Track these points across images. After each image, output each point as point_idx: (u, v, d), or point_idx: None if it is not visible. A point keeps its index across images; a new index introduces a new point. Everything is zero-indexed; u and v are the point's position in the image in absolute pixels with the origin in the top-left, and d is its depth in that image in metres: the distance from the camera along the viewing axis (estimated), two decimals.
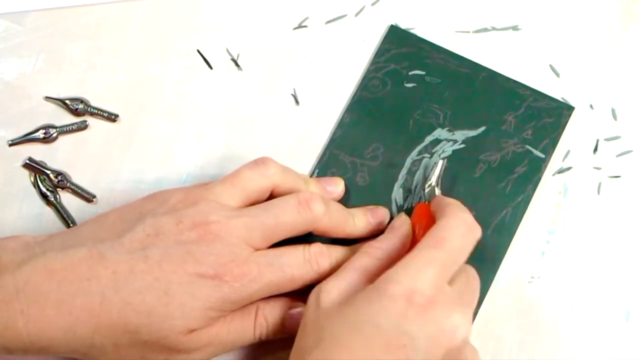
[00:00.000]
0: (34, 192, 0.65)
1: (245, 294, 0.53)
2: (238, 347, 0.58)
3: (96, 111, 0.67)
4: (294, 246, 0.56)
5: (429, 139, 0.65)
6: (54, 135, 0.66)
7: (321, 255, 0.56)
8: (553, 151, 0.65)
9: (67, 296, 0.51)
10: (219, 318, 0.54)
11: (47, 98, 0.67)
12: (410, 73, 0.67)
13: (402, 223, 0.59)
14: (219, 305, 0.53)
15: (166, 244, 0.53)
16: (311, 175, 0.65)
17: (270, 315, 0.57)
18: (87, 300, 0.51)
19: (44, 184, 0.65)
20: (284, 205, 0.56)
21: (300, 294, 0.57)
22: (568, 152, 0.65)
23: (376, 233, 0.60)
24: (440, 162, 0.61)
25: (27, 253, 0.52)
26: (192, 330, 0.53)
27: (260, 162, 0.58)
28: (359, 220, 0.60)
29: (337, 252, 0.58)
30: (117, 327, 0.51)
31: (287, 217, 0.56)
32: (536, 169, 0.64)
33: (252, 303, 0.56)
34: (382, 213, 0.61)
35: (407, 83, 0.67)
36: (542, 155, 0.64)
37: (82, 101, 0.67)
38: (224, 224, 0.54)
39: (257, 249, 0.55)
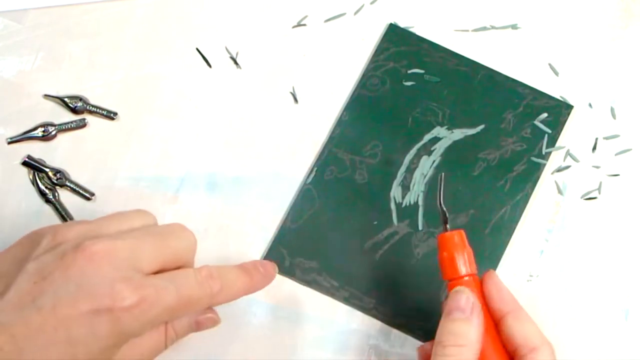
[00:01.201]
0: (32, 189, 0.65)
1: (146, 320, 0.50)
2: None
3: (95, 109, 0.67)
4: (182, 269, 0.54)
5: (427, 137, 0.65)
6: (53, 133, 0.66)
7: (211, 278, 0.53)
8: (552, 150, 0.65)
9: None
10: (130, 345, 0.52)
11: (46, 96, 0.67)
12: (409, 71, 0.67)
13: (473, 304, 0.53)
14: (125, 337, 0.50)
15: (55, 286, 0.49)
16: (310, 174, 0.65)
17: (178, 326, 0.56)
18: None
19: (43, 181, 0.65)
20: (175, 228, 0.55)
21: None
22: (567, 150, 0.65)
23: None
24: (440, 177, 0.57)
25: None
26: None
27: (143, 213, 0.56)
28: (255, 279, 0.57)
29: (226, 272, 0.55)
30: None
31: (177, 241, 0.54)
32: (535, 167, 0.64)
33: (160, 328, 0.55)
34: (269, 265, 0.58)
35: (406, 81, 0.67)
36: (541, 154, 0.64)
37: (81, 99, 0.67)
38: (108, 244, 0.50)
39: (146, 274, 0.52)
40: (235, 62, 0.68)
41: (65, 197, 0.65)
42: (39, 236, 0.53)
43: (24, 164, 0.66)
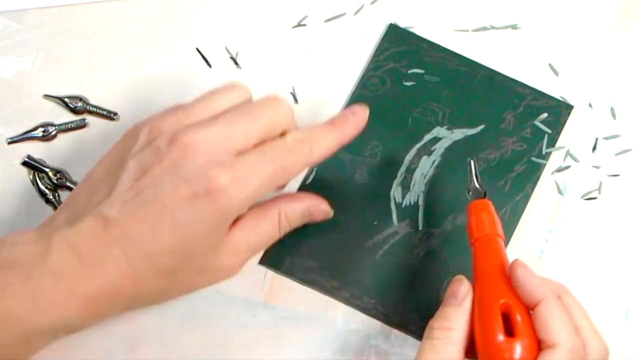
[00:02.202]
0: (32, 190, 0.65)
1: (244, 196, 0.53)
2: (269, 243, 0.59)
3: (95, 109, 0.67)
4: (270, 141, 0.56)
5: (427, 137, 0.65)
6: (53, 133, 0.66)
7: (300, 142, 0.56)
8: (552, 150, 0.65)
9: (98, 266, 0.52)
10: (240, 227, 0.56)
11: (46, 96, 0.67)
12: (409, 71, 0.67)
13: (468, 291, 0.54)
14: (227, 216, 0.54)
15: (154, 179, 0.53)
16: (310, 174, 0.65)
17: (292, 215, 0.59)
18: (116, 262, 0.52)
19: (43, 182, 0.65)
20: (266, 101, 0.57)
21: None
22: (567, 150, 0.65)
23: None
24: (471, 161, 0.59)
25: (43, 239, 0.53)
26: (219, 246, 0.54)
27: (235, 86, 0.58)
28: (345, 129, 0.59)
29: (314, 132, 0.57)
30: (152, 276, 0.53)
31: (269, 114, 0.56)
32: (535, 167, 0.64)
33: (273, 207, 0.58)
34: (358, 108, 0.60)
35: (406, 81, 0.67)
36: (541, 154, 0.64)
37: (81, 99, 0.67)
38: (200, 133, 0.53)
39: (241, 152, 0.54)
40: (235, 62, 0.68)
41: (66, 197, 0.65)
42: (137, 131, 0.56)
43: (24, 164, 0.66)
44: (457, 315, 0.53)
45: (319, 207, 0.61)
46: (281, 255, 0.63)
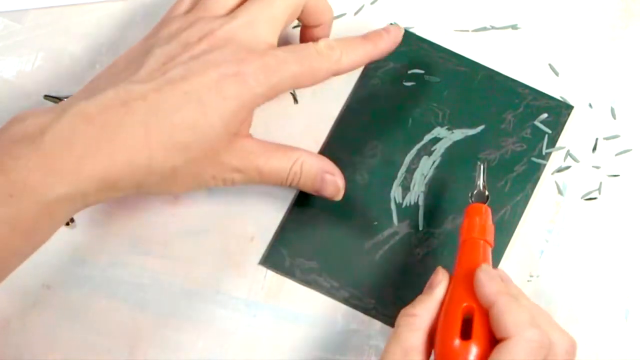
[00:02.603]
0: None
1: (269, 86, 0.55)
2: (271, 184, 0.60)
3: None
4: (301, 44, 0.60)
5: (427, 137, 0.65)
6: None
7: (331, 48, 0.58)
8: (552, 150, 0.65)
9: (114, 134, 0.52)
10: (259, 143, 0.58)
11: (46, 97, 0.67)
12: (409, 72, 0.67)
13: (441, 280, 0.55)
14: (247, 102, 0.55)
15: (182, 63, 0.55)
16: None
17: (306, 166, 0.60)
18: (133, 131, 0.53)
19: None
20: None
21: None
22: (567, 151, 0.65)
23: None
24: (481, 164, 0.60)
25: (54, 112, 0.53)
26: (234, 135, 0.56)
27: None
28: (378, 44, 0.61)
29: (347, 40, 0.59)
30: (168, 149, 0.54)
31: (294, 2, 0.59)
32: (535, 167, 0.64)
33: (295, 150, 0.60)
34: (393, 28, 0.62)
35: (406, 82, 0.67)
36: (541, 154, 0.65)
37: None
38: (229, 26, 0.56)
39: (270, 44, 0.57)
40: None
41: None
42: (166, 23, 0.58)
43: None
44: (424, 303, 0.54)
45: (333, 177, 0.61)
46: (281, 256, 0.63)
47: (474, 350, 0.51)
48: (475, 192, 0.59)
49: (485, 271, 0.53)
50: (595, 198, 0.64)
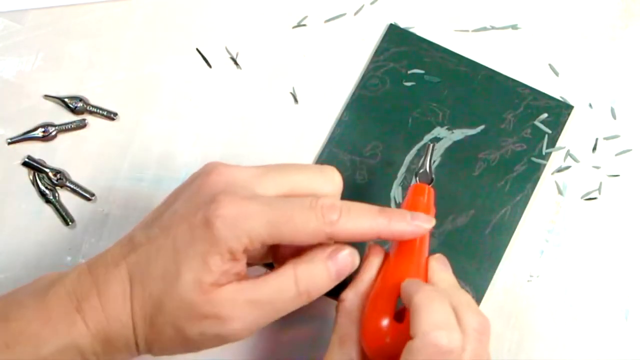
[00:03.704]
0: (33, 190, 0.65)
1: (241, 231, 0.49)
2: (283, 313, 0.52)
3: (95, 110, 0.67)
4: (304, 197, 0.51)
5: (428, 137, 0.65)
6: (53, 133, 0.66)
7: (331, 207, 0.50)
8: (552, 150, 0.65)
9: (102, 289, 0.51)
10: (247, 280, 0.51)
11: (47, 96, 0.67)
12: (410, 72, 0.67)
13: (371, 261, 0.54)
14: (216, 247, 0.49)
15: (165, 219, 0.52)
16: None
17: (312, 268, 0.51)
18: (116, 287, 0.51)
19: (43, 182, 0.65)
20: (315, 166, 0.54)
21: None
22: (567, 151, 0.65)
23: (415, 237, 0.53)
24: (430, 145, 0.59)
25: (72, 268, 0.53)
26: (211, 285, 0.50)
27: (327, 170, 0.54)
28: (393, 221, 0.52)
29: (354, 205, 0.51)
30: (145, 300, 0.51)
31: (308, 174, 0.53)
32: (535, 167, 0.64)
33: (286, 264, 0.51)
34: (424, 217, 0.53)
35: (406, 82, 0.67)
36: (541, 154, 0.65)
37: (81, 99, 0.67)
38: (232, 169, 0.52)
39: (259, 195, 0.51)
40: (235, 62, 0.68)
41: (66, 197, 0.65)
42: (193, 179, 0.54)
43: (24, 164, 0.66)
44: (353, 286, 0.53)
45: (340, 253, 0.52)
46: None
47: (403, 334, 0.49)
48: (421, 171, 0.57)
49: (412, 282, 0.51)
50: (595, 198, 0.64)
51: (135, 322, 0.51)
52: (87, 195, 0.65)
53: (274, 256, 0.55)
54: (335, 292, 0.54)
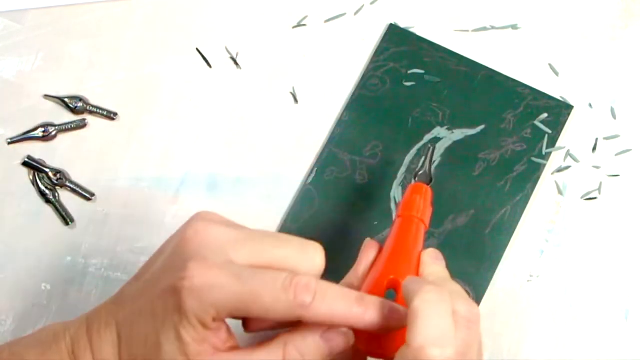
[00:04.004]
0: (33, 190, 0.65)
1: (206, 303, 0.47)
2: None
3: (95, 109, 0.67)
4: (279, 271, 0.48)
5: (428, 137, 0.65)
6: (53, 133, 0.66)
7: (305, 288, 0.47)
8: (552, 150, 0.65)
9: (97, 348, 0.51)
10: (230, 353, 0.48)
11: (46, 96, 0.67)
12: (410, 72, 0.67)
13: (365, 255, 0.55)
14: (186, 318, 0.47)
15: (153, 264, 0.51)
16: (310, 174, 0.65)
17: (302, 346, 0.49)
18: (111, 345, 0.50)
19: (43, 182, 0.65)
20: (298, 240, 0.50)
21: None
22: (567, 151, 0.65)
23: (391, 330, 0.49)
24: (430, 147, 0.59)
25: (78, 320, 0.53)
26: (197, 356, 0.47)
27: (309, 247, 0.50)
28: (369, 313, 0.48)
29: (331, 290, 0.47)
30: None
31: (287, 249, 0.50)
32: (535, 167, 0.64)
33: (277, 337, 0.49)
34: (401, 314, 0.49)
35: (406, 82, 0.67)
36: (541, 154, 0.64)
37: (81, 99, 0.67)
38: (211, 225, 0.49)
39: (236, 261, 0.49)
40: (235, 62, 0.68)
41: (66, 197, 0.65)
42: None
43: (24, 164, 0.66)
44: (347, 280, 0.54)
45: (333, 331, 0.49)
46: None
47: None
48: (421, 172, 0.58)
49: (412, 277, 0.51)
50: (595, 198, 0.64)
51: None
52: (87, 195, 0.65)
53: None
54: None
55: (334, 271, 0.63)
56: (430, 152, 0.58)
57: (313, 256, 0.49)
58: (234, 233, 0.49)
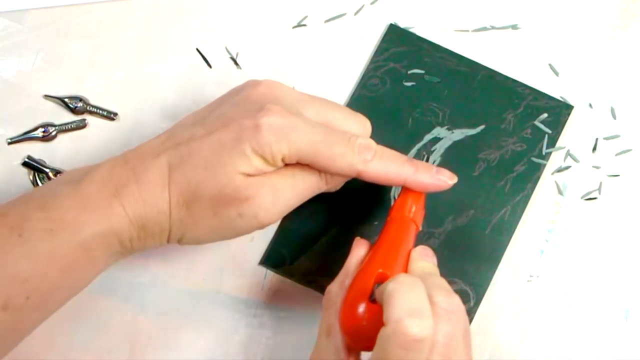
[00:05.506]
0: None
1: (284, 141, 0.53)
2: (309, 196, 0.57)
3: (95, 109, 0.67)
4: (343, 130, 0.56)
5: (428, 137, 0.65)
6: (53, 133, 0.66)
7: (366, 147, 0.55)
8: (552, 150, 0.65)
9: (140, 176, 0.54)
10: (275, 170, 0.55)
11: (47, 96, 0.67)
12: (410, 72, 0.67)
13: (356, 253, 0.57)
14: (260, 149, 0.53)
15: (210, 121, 0.55)
16: None
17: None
18: (156, 174, 0.54)
19: (43, 182, 0.65)
20: (353, 112, 0.59)
21: None
22: (567, 151, 0.65)
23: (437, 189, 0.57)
24: (425, 155, 0.61)
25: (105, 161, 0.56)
26: (248, 175, 0.54)
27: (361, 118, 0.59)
28: (419, 171, 0.57)
29: (387, 151, 0.56)
30: (183, 187, 0.54)
31: (346, 114, 0.58)
32: (535, 167, 0.64)
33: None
34: (448, 174, 0.58)
35: (406, 82, 0.67)
36: (541, 154, 0.65)
37: (81, 99, 0.67)
38: (281, 86, 0.57)
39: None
40: (235, 62, 0.68)
41: None
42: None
43: (24, 164, 0.66)
44: (338, 279, 0.55)
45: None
46: (281, 256, 0.63)
47: (379, 317, 0.49)
48: None
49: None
50: (595, 198, 0.64)
51: (172, 208, 0.54)
52: None
53: None
54: None
55: (334, 271, 0.63)
56: (425, 160, 0.61)
57: (364, 122, 0.59)
58: (300, 94, 0.57)
